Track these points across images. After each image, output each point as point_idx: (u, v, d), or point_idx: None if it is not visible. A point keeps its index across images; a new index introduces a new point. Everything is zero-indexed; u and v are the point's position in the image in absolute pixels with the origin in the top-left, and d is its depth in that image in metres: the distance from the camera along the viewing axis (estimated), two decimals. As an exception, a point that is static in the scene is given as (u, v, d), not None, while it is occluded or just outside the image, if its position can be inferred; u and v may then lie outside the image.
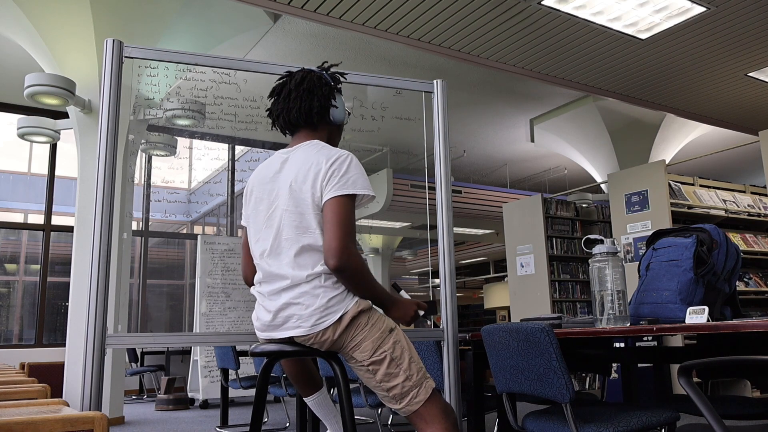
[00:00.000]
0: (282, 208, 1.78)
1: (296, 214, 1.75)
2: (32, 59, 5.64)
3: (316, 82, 1.90)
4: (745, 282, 5.83)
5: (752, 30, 5.01)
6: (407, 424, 4.57)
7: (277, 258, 1.77)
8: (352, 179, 1.73)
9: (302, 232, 1.73)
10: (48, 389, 2.34)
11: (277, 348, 1.80)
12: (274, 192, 1.82)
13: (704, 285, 2.17)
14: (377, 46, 6.02)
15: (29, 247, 7.85)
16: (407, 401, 1.66)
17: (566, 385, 1.78)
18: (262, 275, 1.82)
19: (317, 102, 1.88)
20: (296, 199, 1.76)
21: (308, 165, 1.77)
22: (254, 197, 1.89)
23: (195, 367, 6.94)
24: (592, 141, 8.18)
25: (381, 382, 1.68)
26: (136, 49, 2.31)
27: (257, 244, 1.85)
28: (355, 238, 1.70)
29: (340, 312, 1.67)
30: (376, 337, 1.68)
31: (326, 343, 1.70)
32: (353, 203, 1.73)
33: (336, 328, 1.67)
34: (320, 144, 1.85)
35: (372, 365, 1.67)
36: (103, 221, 2.15)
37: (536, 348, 1.85)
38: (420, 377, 1.68)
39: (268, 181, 1.86)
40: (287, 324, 1.72)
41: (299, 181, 1.76)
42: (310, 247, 1.72)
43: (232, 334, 5.49)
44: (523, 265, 6.71)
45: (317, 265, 1.70)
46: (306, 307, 1.68)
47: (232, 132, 3.69)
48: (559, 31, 4.96)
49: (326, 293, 1.68)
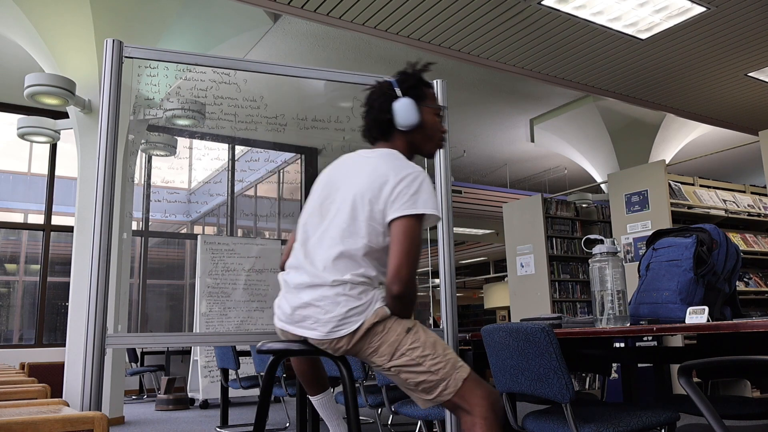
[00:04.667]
0: (338, 205, 1.78)
1: (350, 218, 1.73)
2: (32, 59, 5.64)
3: (375, 95, 1.88)
4: (745, 282, 5.83)
5: (752, 30, 5.01)
6: (407, 424, 4.57)
7: (314, 251, 1.76)
8: (422, 199, 1.69)
9: (347, 236, 1.71)
10: (48, 389, 2.34)
11: (283, 346, 1.79)
12: (339, 188, 1.81)
13: (704, 285, 2.17)
14: (377, 46, 6.02)
15: (29, 247, 7.85)
16: (437, 393, 1.63)
17: (566, 385, 1.78)
18: (294, 261, 1.80)
19: (373, 115, 1.87)
20: (355, 203, 1.74)
21: (376, 175, 1.74)
22: (321, 186, 1.89)
23: (195, 367, 6.94)
24: (592, 141, 8.18)
25: (407, 381, 1.66)
26: (136, 49, 2.32)
27: (302, 229, 1.84)
28: (413, 272, 1.66)
29: (358, 323, 1.65)
30: (392, 340, 1.65)
31: (340, 350, 1.69)
32: (421, 224, 1.69)
33: (352, 337, 1.65)
34: (395, 155, 1.82)
35: (393, 368, 1.66)
36: (103, 221, 2.15)
37: (536, 348, 1.85)
38: (448, 369, 1.64)
39: (339, 176, 1.86)
40: (304, 323, 1.71)
41: (364, 188, 1.74)
42: (348, 253, 1.70)
43: (232, 334, 5.49)
44: (523, 265, 6.70)
45: (347, 273, 1.68)
46: (325, 312, 1.66)
47: (232, 132, 3.68)
48: (559, 31, 4.96)
49: (348, 302, 1.66)
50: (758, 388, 4.81)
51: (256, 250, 7.07)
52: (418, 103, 1.86)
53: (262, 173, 8.22)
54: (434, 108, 1.91)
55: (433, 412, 2.51)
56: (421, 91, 1.89)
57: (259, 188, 8.81)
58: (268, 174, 8.34)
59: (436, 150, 1.95)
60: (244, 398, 6.87)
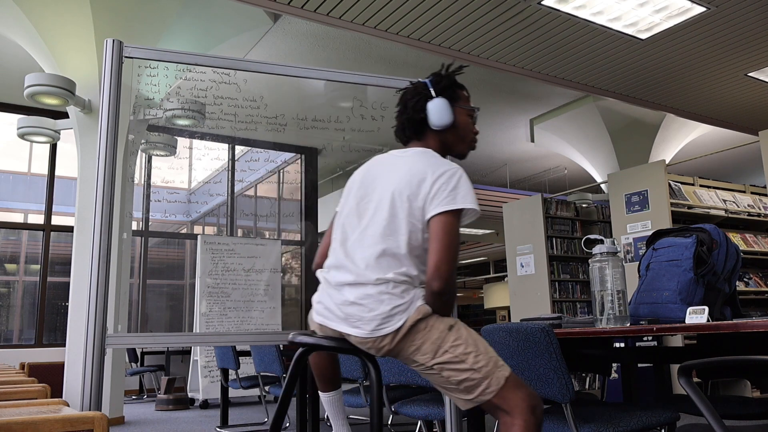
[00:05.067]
0: (376, 204, 1.78)
1: (389, 215, 1.74)
2: (32, 59, 5.64)
3: (409, 95, 1.91)
4: (745, 282, 5.83)
5: (752, 30, 5.01)
6: (407, 423, 4.57)
7: (355, 250, 1.76)
8: (462, 194, 1.70)
9: (388, 235, 1.72)
10: (48, 389, 2.34)
11: (314, 341, 1.78)
12: (375, 187, 1.82)
13: (704, 285, 2.17)
14: (377, 46, 6.02)
15: (29, 247, 7.85)
16: (479, 392, 1.62)
17: (566, 385, 1.78)
18: (335, 261, 1.80)
19: (407, 115, 1.89)
20: (394, 200, 1.74)
21: (413, 172, 1.76)
22: (356, 186, 1.89)
23: (195, 367, 6.94)
24: (592, 141, 8.18)
25: (449, 378, 1.65)
26: (136, 49, 2.32)
27: (340, 229, 1.84)
28: (453, 269, 1.67)
29: (401, 321, 1.65)
30: (435, 337, 1.65)
31: (383, 350, 1.68)
32: (459, 220, 1.71)
33: (395, 335, 1.65)
34: (430, 153, 1.84)
35: (436, 365, 1.65)
36: (103, 221, 2.15)
37: (536, 348, 1.85)
38: (490, 368, 1.63)
39: (374, 175, 1.86)
40: (347, 321, 1.70)
41: (402, 185, 1.75)
42: (390, 251, 1.70)
43: (232, 334, 5.49)
44: (523, 265, 6.70)
45: (390, 271, 1.68)
46: (369, 310, 1.66)
47: (232, 132, 3.68)
48: (559, 31, 4.96)
49: (391, 300, 1.66)
50: (758, 388, 4.82)
51: (256, 250, 7.07)
52: (452, 103, 1.88)
53: (262, 173, 8.22)
54: (467, 109, 1.94)
55: (433, 412, 2.51)
56: (455, 92, 1.92)
57: (259, 188, 8.82)
58: (268, 174, 8.35)
59: (468, 151, 1.97)
60: (244, 398, 6.87)
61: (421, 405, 2.58)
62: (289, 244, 8.92)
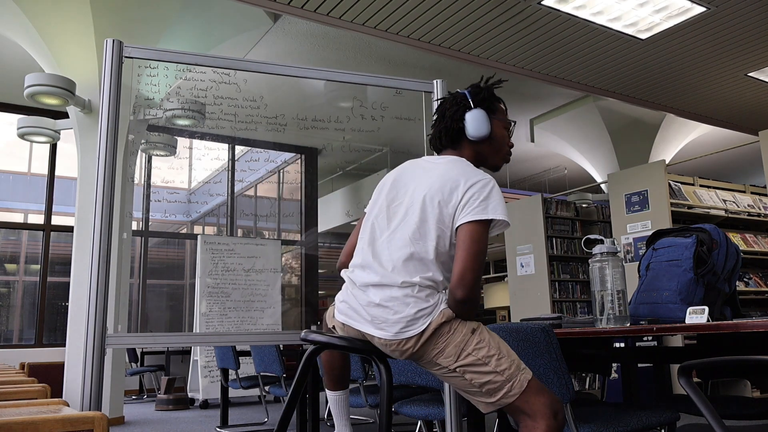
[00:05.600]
0: (407, 208, 1.79)
1: (420, 220, 1.75)
2: (32, 59, 5.64)
3: (448, 104, 1.93)
4: (745, 282, 5.83)
5: (752, 30, 5.01)
6: (407, 423, 4.58)
7: (382, 252, 1.77)
8: (492, 205, 1.71)
9: (417, 239, 1.73)
10: (48, 389, 2.34)
11: (327, 339, 1.78)
12: (407, 191, 1.84)
13: (704, 285, 2.17)
14: (377, 46, 6.02)
15: (29, 247, 7.85)
16: (501, 395, 1.63)
17: (566, 385, 1.78)
18: (361, 261, 1.81)
19: (445, 124, 1.91)
20: (425, 205, 1.76)
21: (446, 179, 1.77)
22: (387, 188, 1.90)
23: (195, 367, 6.94)
24: (592, 141, 8.18)
25: (472, 381, 1.66)
26: (136, 49, 2.32)
27: (369, 230, 1.85)
28: (479, 277, 1.69)
29: (425, 324, 1.66)
30: (458, 341, 1.66)
31: (407, 352, 1.69)
32: (488, 230, 1.72)
33: (420, 338, 1.66)
34: (464, 162, 1.86)
35: (459, 368, 1.66)
36: (103, 221, 2.15)
37: (536, 348, 1.85)
38: (513, 371, 1.64)
39: (406, 179, 1.88)
40: (372, 322, 1.71)
41: (434, 191, 1.76)
42: (417, 255, 1.72)
43: (232, 334, 5.49)
44: (523, 265, 6.70)
45: (416, 275, 1.70)
46: (394, 313, 1.67)
47: (232, 132, 3.68)
48: (559, 31, 4.96)
49: (417, 304, 1.67)
50: (758, 388, 4.82)
51: (256, 250, 7.07)
52: (490, 115, 1.92)
53: (262, 173, 8.22)
54: (504, 122, 1.98)
55: (433, 412, 2.51)
56: (493, 104, 1.95)
57: (259, 188, 8.82)
58: (268, 174, 8.35)
59: (502, 163, 1.99)
60: (244, 398, 6.87)
61: (421, 405, 2.58)
62: (289, 244, 8.93)
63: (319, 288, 9.85)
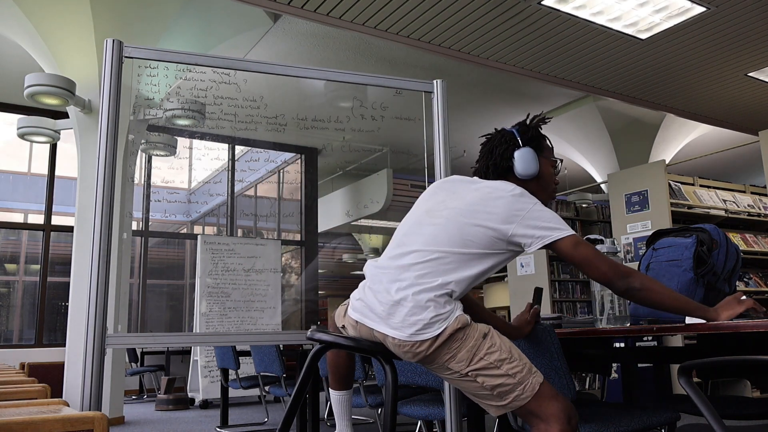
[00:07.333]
0: (448, 212, 1.81)
1: (458, 226, 1.77)
2: (32, 59, 5.64)
3: (496, 140, 1.97)
4: (745, 282, 5.83)
5: (752, 30, 5.01)
6: (407, 423, 4.57)
7: (408, 255, 1.78)
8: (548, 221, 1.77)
9: (451, 245, 1.75)
10: (48, 389, 2.34)
11: (332, 338, 1.78)
12: (444, 199, 1.87)
13: (704, 285, 2.17)
14: (377, 46, 6.02)
15: (29, 247, 7.85)
16: (512, 398, 1.65)
17: (567, 385, 1.78)
18: (385, 262, 1.83)
19: (494, 160, 1.94)
20: (461, 217, 1.78)
21: (489, 190, 1.82)
22: (428, 195, 1.95)
23: (195, 367, 6.94)
24: (592, 141, 8.18)
25: (483, 384, 1.67)
26: (136, 49, 2.31)
27: (401, 232, 1.88)
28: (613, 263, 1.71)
29: (441, 328, 1.67)
30: (470, 345, 1.68)
31: (420, 355, 1.69)
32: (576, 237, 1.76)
33: (434, 341, 1.67)
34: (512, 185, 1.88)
35: (471, 372, 1.67)
36: (103, 221, 2.15)
37: (537, 348, 1.85)
38: (524, 374, 1.65)
39: (448, 189, 1.91)
40: (388, 322, 1.72)
41: (474, 204, 1.79)
42: (443, 262, 1.74)
43: (232, 334, 5.49)
44: (523, 265, 6.71)
45: (437, 280, 1.71)
46: (412, 315, 1.68)
47: (232, 132, 3.68)
48: (559, 31, 4.96)
49: (435, 308, 1.68)
50: (758, 388, 4.82)
51: (256, 250, 7.07)
52: (538, 153, 1.95)
53: (262, 173, 8.23)
54: (552, 160, 2.02)
55: (433, 412, 2.51)
56: (541, 143, 1.98)
57: (259, 188, 8.82)
58: (268, 174, 8.35)
59: (548, 200, 2.01)
60: (244, 398, 6.87)
61: (421, 405, 2.58)
62: (289, 244, 8.93)
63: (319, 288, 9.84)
